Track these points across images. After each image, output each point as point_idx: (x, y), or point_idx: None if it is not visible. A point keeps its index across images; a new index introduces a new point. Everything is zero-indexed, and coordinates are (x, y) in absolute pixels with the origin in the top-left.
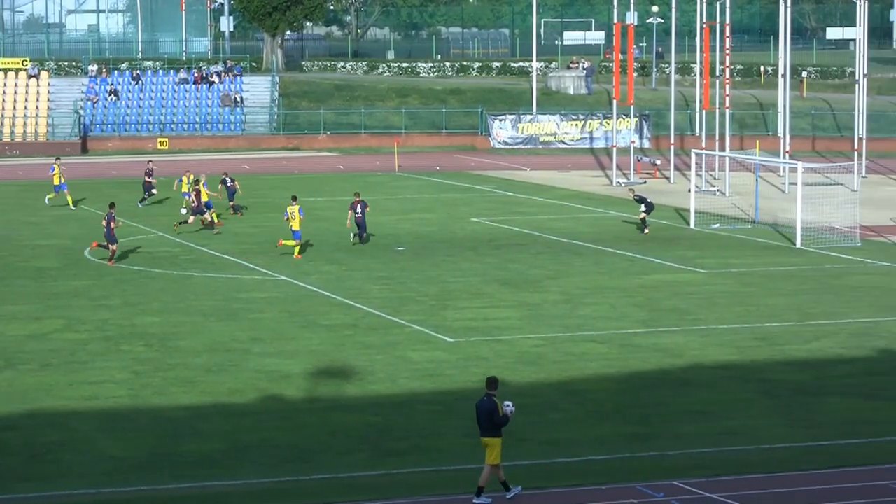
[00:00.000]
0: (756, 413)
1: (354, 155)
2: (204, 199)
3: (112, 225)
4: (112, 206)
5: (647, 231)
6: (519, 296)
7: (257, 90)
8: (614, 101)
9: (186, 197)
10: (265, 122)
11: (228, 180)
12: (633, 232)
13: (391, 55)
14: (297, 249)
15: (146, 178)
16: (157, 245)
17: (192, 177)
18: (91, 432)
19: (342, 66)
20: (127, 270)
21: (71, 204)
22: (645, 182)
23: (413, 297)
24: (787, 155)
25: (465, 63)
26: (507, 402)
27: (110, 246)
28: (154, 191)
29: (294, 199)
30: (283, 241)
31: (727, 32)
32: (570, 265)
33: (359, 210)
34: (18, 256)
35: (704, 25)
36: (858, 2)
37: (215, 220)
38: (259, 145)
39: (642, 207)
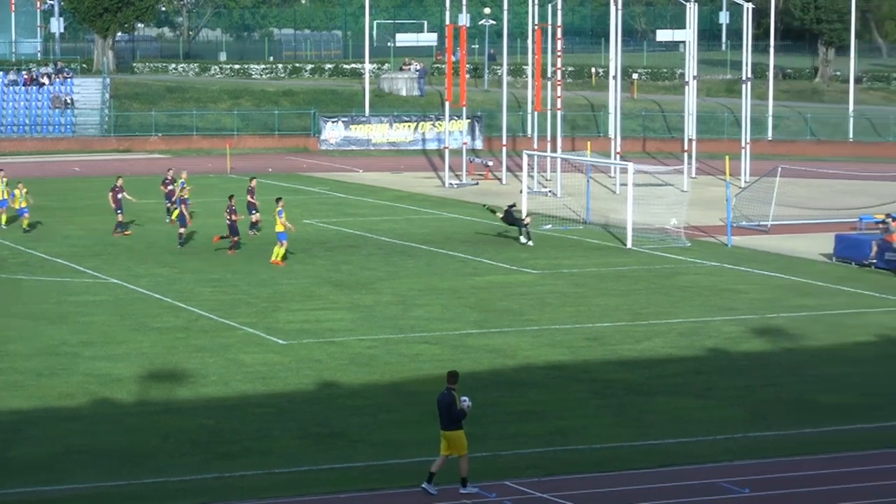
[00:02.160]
0: (588, 413)
1: (186, 157)
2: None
3: (234, 217)
4: (231, 198)
5: (530, 243)
6: (351, 297)
7: (88, 92)
8: (447, 103)
9: (24, 214)
10: (96, 123)
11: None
12: (464, 233)
13: (223, 57)
14: (279, 254)
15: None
16: None
17: (24, 189)
18: None
19: (174, 68)
20: None
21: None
22: (477, 183)
23: (245, 300)
24: (618, 156)
25: (297, 65)
26: (464, 397)
27: (232, 237)
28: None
29: (278, 200)
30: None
31: (559, 34)
32: (403, 266)
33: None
34: None
35: (536, 27)
36: (688, 4)
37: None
38: (90, 147)
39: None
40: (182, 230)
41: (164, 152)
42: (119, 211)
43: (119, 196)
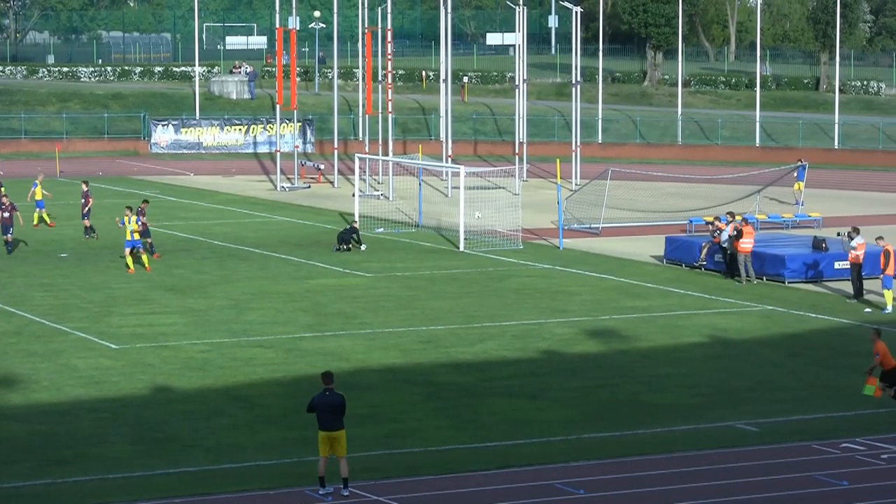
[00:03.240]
0: (422, 415)
1: (15, 160)
2: (38, 197)
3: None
4: (145, 202)
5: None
6: (184, 301)
7: None
8: (277, 106)
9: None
10: None
11: None
12: (297, 237)
13: (51, 59)
14: (130, 259)
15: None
16: None
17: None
18: None
19: (1, 71)
20: None
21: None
22: (309, 187)
23: (77, 304)
24: (449, 159)
25: (126, 67)
26: None
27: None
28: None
29: (129, 208)
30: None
31: (389, 38)
32: (236, 270)
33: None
34: None
35: (366, 31)
36: (517, 8)
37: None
38: None
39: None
40: (7, 236)
41: None
42: None
43: None
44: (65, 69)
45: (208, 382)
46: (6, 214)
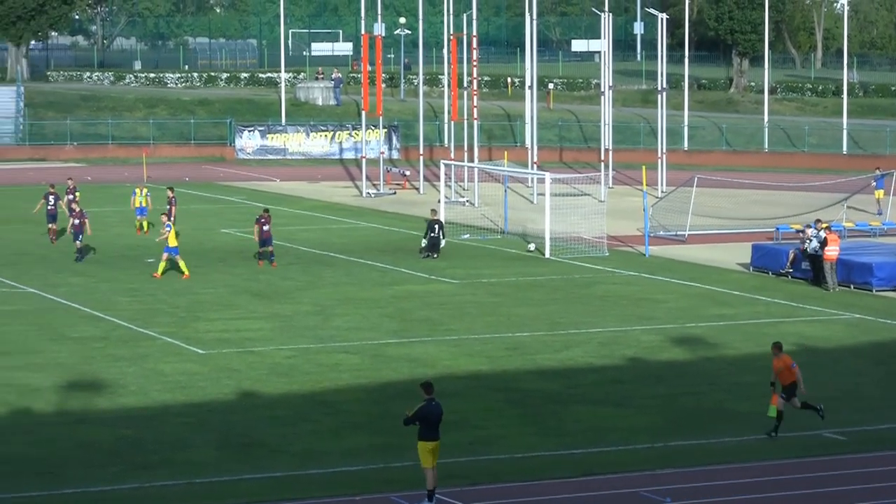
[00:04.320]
0: (507, 422)
1: (102, 165)
2: (136, 204)
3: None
4: (266, 211)
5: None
6: (270, 307)
7: (2, 101)
8: (363, 113)
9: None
10: (10, 133)
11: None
12: (382, 243)
13: (138, 65)
14: (161, 267)
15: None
16: None
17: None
18: None
19: (88, 77)
20: None
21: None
22: (395, 193)
23: (163, 309)
24: (535, 166)
25: (212, 74)
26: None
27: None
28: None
29: (166, 215)
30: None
31: (474, 44)
32: (321, 276)
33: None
34: None
35: (452, 37)
36: (603, 15)
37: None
38: (4, 156)
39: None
40: (78, 243)
41: (79, 161)
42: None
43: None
44: (151, 75)
45: (294, 388)
46: (76, 222)
